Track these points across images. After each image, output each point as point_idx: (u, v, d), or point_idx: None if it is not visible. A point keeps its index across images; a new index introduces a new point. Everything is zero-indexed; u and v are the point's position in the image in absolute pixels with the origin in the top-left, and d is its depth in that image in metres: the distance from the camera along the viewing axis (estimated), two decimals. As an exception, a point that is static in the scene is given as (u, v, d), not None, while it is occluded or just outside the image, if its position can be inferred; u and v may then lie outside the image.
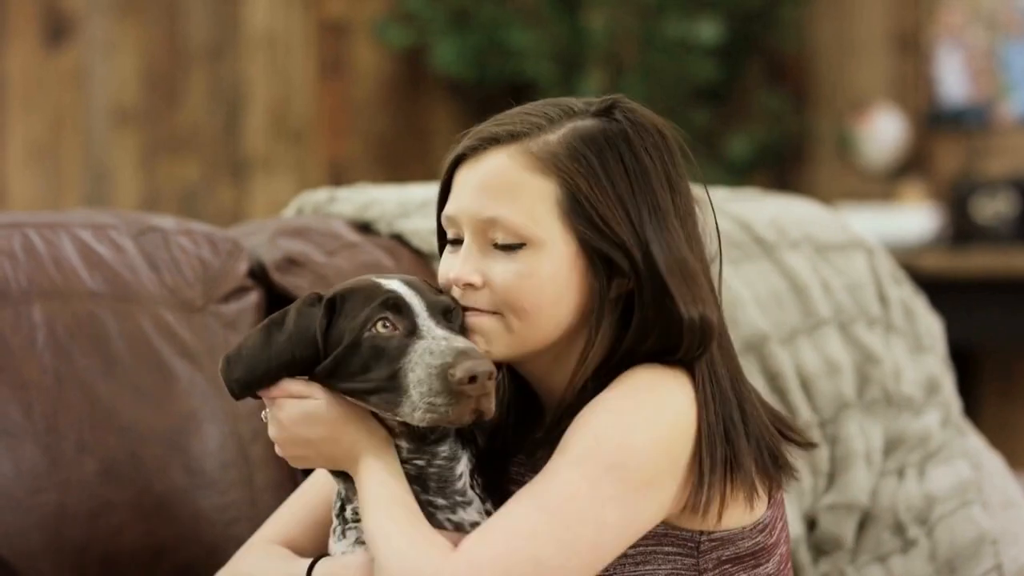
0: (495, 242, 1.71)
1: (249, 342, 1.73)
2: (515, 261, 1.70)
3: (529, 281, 1.69)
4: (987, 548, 2.26)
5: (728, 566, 1.72)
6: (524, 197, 1.69)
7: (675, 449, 1.67)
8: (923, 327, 2.57)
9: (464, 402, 1.62)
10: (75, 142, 4.45)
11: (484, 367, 1.61)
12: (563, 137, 1.71)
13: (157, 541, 2.04)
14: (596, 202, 1.69)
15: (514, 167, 1.70)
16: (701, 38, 4.76)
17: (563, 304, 1.71)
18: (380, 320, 1.67)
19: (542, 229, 1.69)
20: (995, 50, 4.89)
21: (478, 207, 1.71)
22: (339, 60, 4.84)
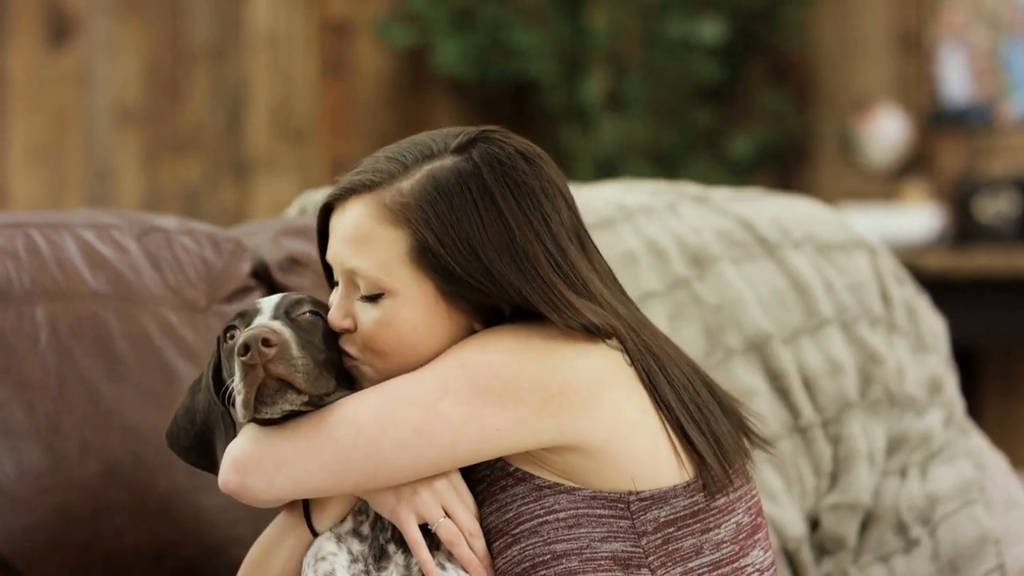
0: (360, 291, 1.76)
1: (178, 410, 1.82)
2: (376, 309, 1.75)
3: (389, 328, 1.74)
4: (990, 548, 2.26)
5: (670, 529, 1.72)
6: (377, 249, 1.74)
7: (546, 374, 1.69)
8: (926, 327, 2.56)
9: (252, 373, 1.66)
10: (77, 142, 4.45)
11: (250, 333, 1.66)
12: (415, 184, 1.74)
13: (159, 541, 2.04)
14: (443, 250, 1.72)
15: (369, 217, 1.75)
16: (703, 38, 4.76)
17: (429, 343, 1.75)
18: (229, 332, 1.75)
19: (395, 279, 1.74)
20: (997, 50, 4.88)
21: (343, 257, 1.77)
22: (341, 60, 4.84)
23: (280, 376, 1.67)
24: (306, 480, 1.72)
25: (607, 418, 1.71)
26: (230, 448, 1.74)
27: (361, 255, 1.74)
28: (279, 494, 1.73)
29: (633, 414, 1.72)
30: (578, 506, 1.71)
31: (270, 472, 1.72)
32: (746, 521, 1.77)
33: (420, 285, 1.74)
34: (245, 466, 1.73)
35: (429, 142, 1.78)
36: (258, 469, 1.72)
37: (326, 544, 1.74)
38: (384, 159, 1.79)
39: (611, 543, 1.71)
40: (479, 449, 1.71)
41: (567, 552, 1.71)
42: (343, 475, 1.71)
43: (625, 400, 1.72)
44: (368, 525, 1.75)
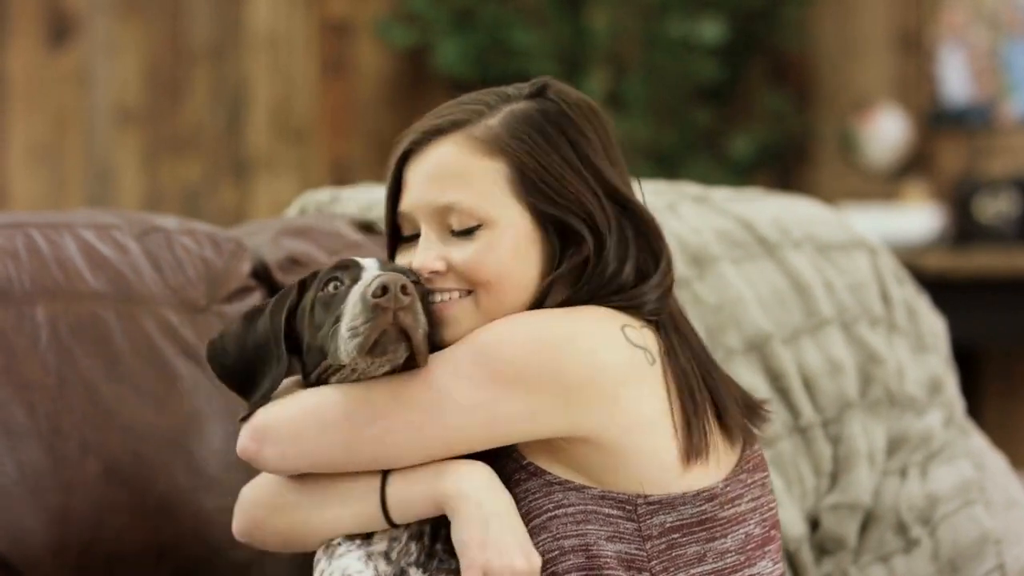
0: (451, 228, 1.77)
1: (231, 331, 1.82)
2: (475, 240, 1.76)
3: (490, 255, 1.76)
4: (990, 548, 2.26)
5: (675, 535, 1.72)
6: (475, 180, 1.76)
7: (564, 366, 1.70)
8: (926, 327, 2.57)
9: (380, 316, 1.66)
10: (77, 142, 4.45)
11: (395, 278, 1.67)
12: (503, 119, 1.78)
13: (160, 541, 2.04)
14: (544, 173, 1.76)
15: (462, 153, 1.78)
16: (704, 38, 4.76)
17: (525, 272, 1.76)
18: (331, 281, 1.74)
19: (496, 208, 1.76)
20: (997, 50, 4.88)
21: (433, 196, 1.77)
22: (341, 60, 4.84)
23: (406, 327, 1.67)
24: (319, 455, 1.73)
25: (622, 416, 1.71)
26: (254, 416, 1.76)
27: (458, 189, 1.76)
28: (293, 465, 1.75)
29: (650, 414, 1.72)
30: (587, 503, 1.72)
31: (285, 444, 1.73)
32: (757, 532, 1.77)
33: (519, 212, 1.76)
34: (264, 435, 1.74)
35: (500, 90, 1.83)
36: (275, 440, 1.74)
37: (354, 563, 1.73)
38: (463, 105, 1.82)
39: (616, 543, 1.72)
40: (489, 435, 1.71)
41: (574, 548, 1.72)
42: (356, 452, 1.73)
43: (643, 399, 1.73)
44: (398, 551, 1.74)
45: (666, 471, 1.72)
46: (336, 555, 1.75)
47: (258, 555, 2.10)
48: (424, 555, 1.75)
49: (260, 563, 2.10)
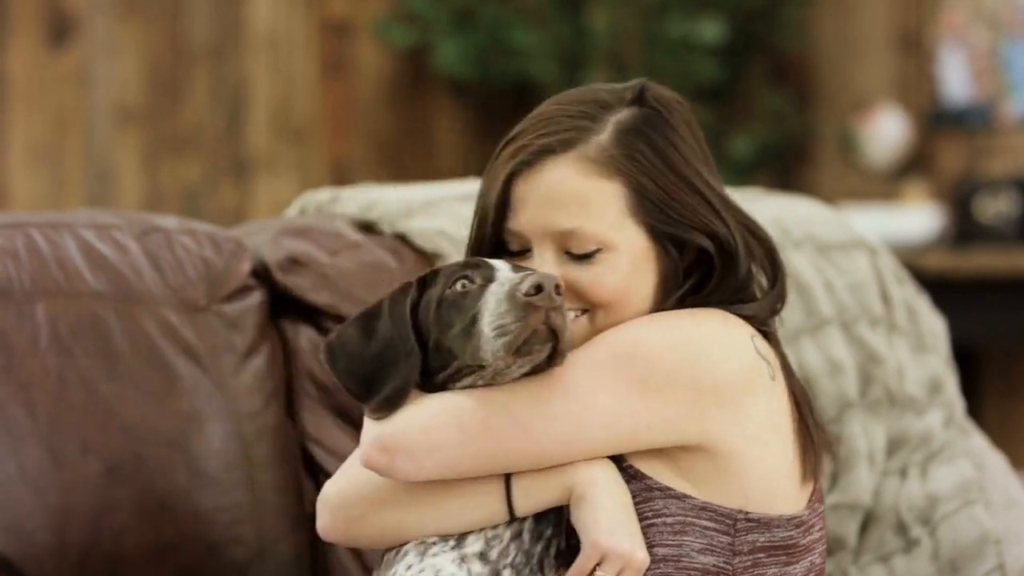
0: (570, 251, 1.75)
1: (348, 332, 1.76)
2: (594, 264, 1.75)
3: (611, 279, 1.74)
4: (990, 548, 2.26)
5: (761, 555, 1.73)
6: (595, 205, 1.74)
7: (698, 367, 1.70)
8: (926, 327, 2.56)
9: (533, 314, 1.63)
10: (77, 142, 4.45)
11: (551, 279, 1.64)
12: (613, 136, 1.76)
13: (160, 541, 2.04)
14: (661, 193, 1.75)
15: (578, 176, 1.75)
16: (704, 38, 4.76)
17: (642, 288, 1.76)
18: (460, 279, 1.71)
19: (616, 231, 1.74)
20: (997, 50, 4.88)
21: (551, 220, 1.75)
22: (342, 60, 4.84)
23: (556, 327, 1.65)
24: (456, 465, 1.70)
25: (746, 426, 1.71)
26: (379, 427, 1.70)
27: (579, 214, 1.74)
28: (427, 476, 1.71)
29: (769, 428, 1.73)
30: (687, 514, 1.71)
31: (421, 456, 1.69)
32: (818, 562, 1.79)
33: (636, 231, 1.75)
34: (395, 448, 1.69)
35: (599, 96, 1.80)
36: (409, 452, 1.69)
37: (448, 565, 1.71)
38: (567, 118, 1.78)
39: (707, 556, 1.71)
40: (628, 443, 1.71)
41: (666, 557, 1.71)
42: (495, 462, 1.70)
43: (765, 412, 1.73)
44: (497, 551, 1.73)
45: (771, 489, 1.73)
46: (429, 553, 1.72)
47: (258, 555, 2.10)
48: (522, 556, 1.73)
49: (260, 563, 2.10)
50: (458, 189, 2.48)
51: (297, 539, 2.14)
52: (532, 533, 1.73)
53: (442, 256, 2.29)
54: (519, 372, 1.69)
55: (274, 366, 2.20)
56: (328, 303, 2.23)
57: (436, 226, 2.33)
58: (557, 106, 1.80)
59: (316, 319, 2.24)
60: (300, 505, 2.17)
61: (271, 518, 2.13)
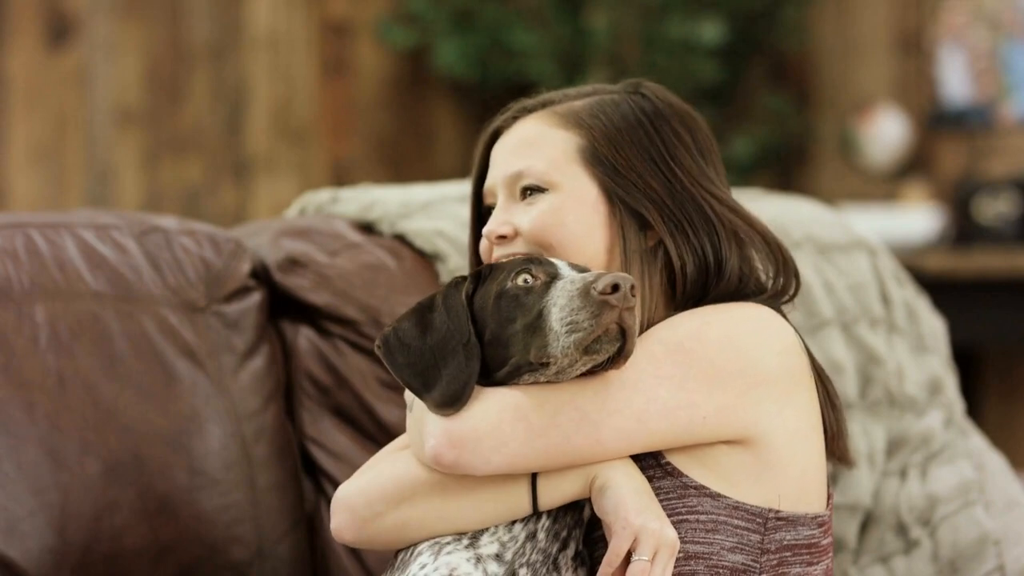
0: (522, 192, 1.82)
1: (402, 325, 1.76)
2: (537, 204, 1.81)
3: (552, 217, 1.80)
4: (990, 548, 2.26)
5: (787, 553, 1.75)
6: (546, 147, 1.83)
7: (752, 357, 1.72)
8: (926, 327, 2.57)
9: (607, 313, 1.64)
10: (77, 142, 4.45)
11: (626, 279, 1.66)
12: (588, 102, 1.85)
13: (160, 541, 2.04)
14: (614, 152, 1.81)
15: (538, 126, 1.85)
16: (703, 39, 4.76)
17: (590, 242, 1.80)
18: (523, 273, 1.72)
19: (561, 173, 1.81)
20: (997, 51, 4.88)
21: (507, 166, 1.84)
22: (341, 60, 4.84)
23: (627, 326, 1.66)
24: (522, 460, 1.71)
25: (789, 420, 1.74)
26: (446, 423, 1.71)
27: (528, 156, 1.83)
28: (493, 470, 1.72)
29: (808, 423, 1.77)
30: (720, 512, 1.73)
31: (488, 452, 1.70)
32: (831, 566, 1.81)
33: (586, 183, 1.81)
34: (463, 443, 1.70)
35: (594, 85, 1.90)
36: (476, 447, 1.70)
37: (463, 563, 1.71)
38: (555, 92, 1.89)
39: (736, 554, 1.73)
40: (685, 436, 1.72)
41: (697, 555, 1.73)
42: (560, 457, 1.71)
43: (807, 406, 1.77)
44: (512, 551, 1.73)
45: (804, 486, 1.75)
46: (444, 552, 1.73)
47: (257, 555, 2.10)
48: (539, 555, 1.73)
49: (260, 563, 2.10)
50: (458, 190, 2.48)
51: (297, 539, 2.14)
52: (548, 533, 1.74)
53: (441, 257, 2.29)
54: (580, 371, 1.70)
55: (273, 366, 2.20)
56: (327, 303, 2.23)
57: (435, 227, 2.33)
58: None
59: (315, 319, 2.24)
60: (300, 505, 2.17)
61: (271, 518, 2.13)
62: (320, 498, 2.20)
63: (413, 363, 1.74)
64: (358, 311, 2.22)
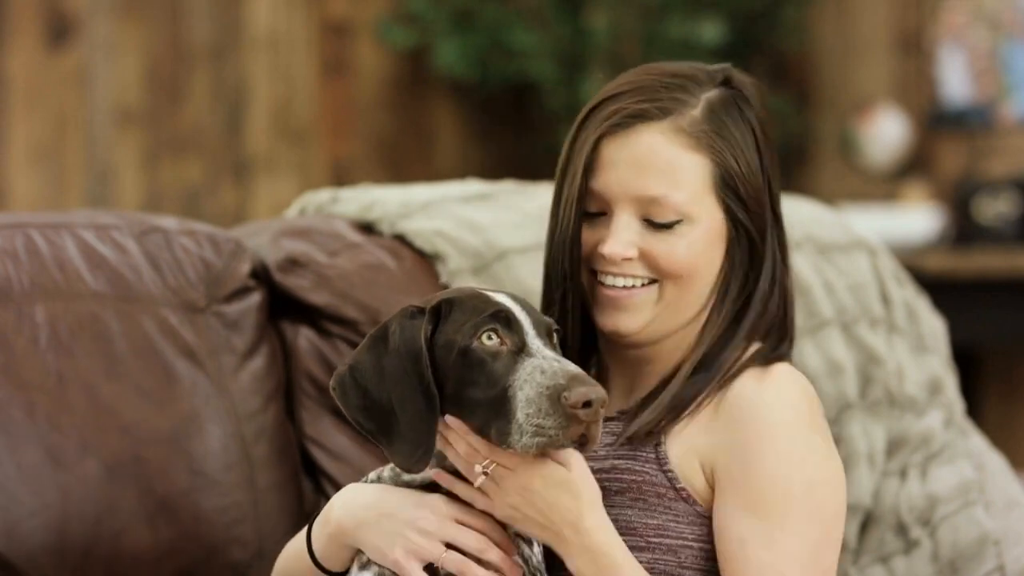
0: (651, 218, 1.76)
1: (359, 363, 1.69)
2: (672, 235, 1.76)
3: (687, 251, 1.76)
4: (990, 549, 2.25)
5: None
6: (683, 175, 1.76)
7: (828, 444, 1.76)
8: (926, 327, 2.56)
9: (575, 426, 1.59)
10: (77, 142, 4.45)
11: (599, 393, 1.60)
12: (705, 112, 1.78)
13: (159, 542, 2.04)
14: (743, 178, 1.77)
15: (671, 146, 1.77)
16: (703, 39, 4.76)
17: (711, 269, 1.79)
18: (488, 331, 1.65)
19: (698, 205, 1.76)
20: (997, 51, 4.88)
21: (639, 186, 1.76)
22: (341, 60, 4.84)
23: (592, 438, 1.62)
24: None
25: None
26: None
27: (666, 182, 1.76)
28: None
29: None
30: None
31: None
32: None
33: (713, 212, 1.78)
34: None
35: (691, 72, 1.82)
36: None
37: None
38: (661, 88, 1.79)
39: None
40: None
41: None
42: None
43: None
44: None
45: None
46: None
47: (257, 555, 2.10)
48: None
49: (259, 563, 2.10)
50: (458, 190, 2.48)
51: (297, 540, 2.14)
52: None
53: (441, 257, 2.29)
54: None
55: (273, 367, 2.20)
56: (327, 304, 2.23)
57: (435, 227, 2.33)
58: (649, 76, 1.81)
59: (315, 320, 2.24)
60: (299, 505, 2.17)
61: (271, 518, 2.13)
62: (320, 498, 2.20)
63: (369, 407, 1.67)
64: (358, 311, 2.22)
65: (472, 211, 2.40)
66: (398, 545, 1.68)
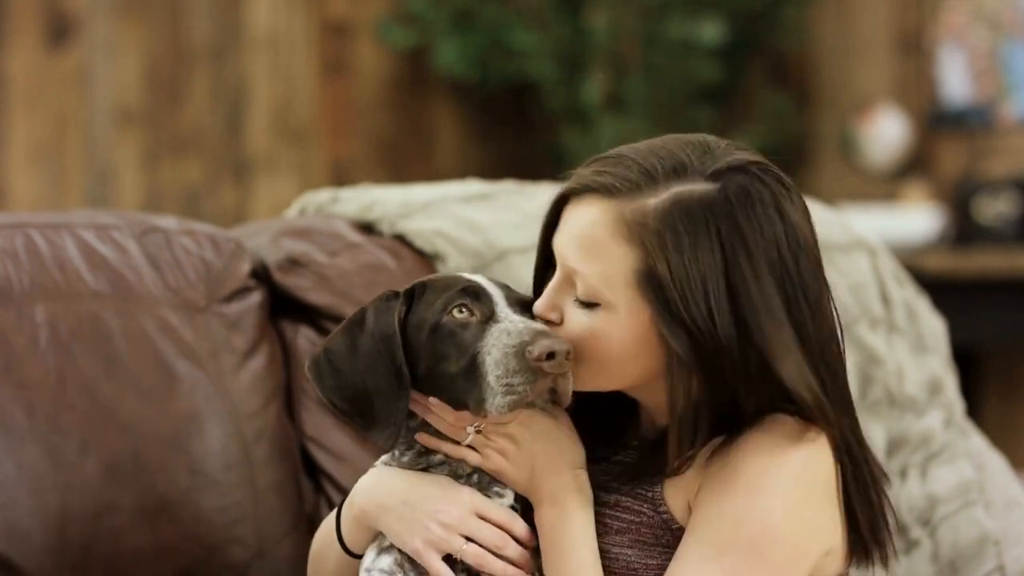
0: (575, 295, 1.70)
1: (334, 346, 1.71)
2: (588, 316, 1.69)
3: (597, 342, 1.69)
4: (990, 549, 2.26)
5: None
6: (605, 260, 1.68)
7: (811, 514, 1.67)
8: (926, 327, 2.56)
9: (542, 380, 1.62)
10: (77, 142, 4.45)
11: (562, 345, 1.62)
12: (660, 205, 1.66)
13: (159, 542, 2.04)
14: (671, 283, 1.64)
15: (601, 227, 1.68)
16: (703, 39, 4.76)
17: (631, 365, 1.70)
18: (458, 305, 1.67)
19: (615, 294, 1.67)
20: (997, 51, 4.88)
21: (566, 253, 1.71)
22: (341, 60, 4.84)
23: (561, 392, 1.64)
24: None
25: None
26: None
27: (587, 261, 1.69)
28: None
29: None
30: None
31: None
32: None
33: (638, 308, 1.67)
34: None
35: (683, 157, 1.68)
36: None
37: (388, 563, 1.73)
38: (634, 164, 1.69)
39: None
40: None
41: None
42: None
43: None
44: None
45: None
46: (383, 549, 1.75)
47: (257, 555, 2.10)
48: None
49: (260, 563, 2.10)
50: (457, 190, 2.48)
51: (297, 539, 2.14)
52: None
53: (441, 257, 2.29)
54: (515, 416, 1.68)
55: (273, 366, 2.20)
56: (328, 304, 2.23)
57: (435, 227, 2.33)
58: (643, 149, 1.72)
59: (316, 320, 2.24)
60: (300, 505, 2.17)
61: (271, 518, 2.13)
62: (320, 498, 2.20)
63: (343, 387, 1.69)
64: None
65: (472, 211, 2.40)
66: (418, 535, 1.70)
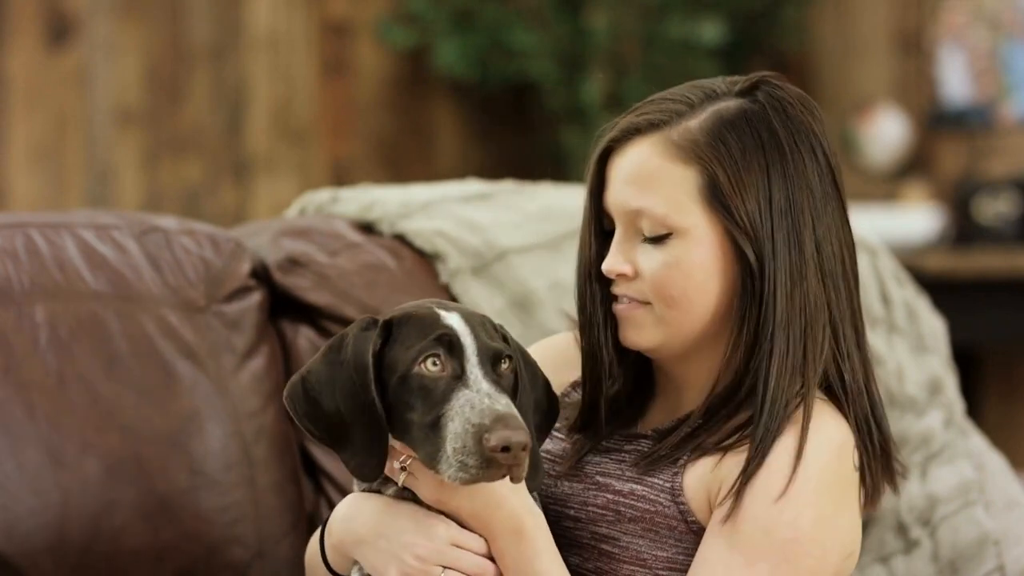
0: (643, 233, 1.71)
1: (311, 372, 1.70)
2: (662, 251, 1.70)
3: (677, 270, 1.69)
4: (990, 549, 2.26)
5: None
6: (666, 187, 1.70)
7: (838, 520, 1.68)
8: (926, 327, 2.56)
9: (495, 468, 1.60)
10: (77, 142, 4.45)
11: (519, 438, 1.59)
12: (704, 123, 1.71)
13: (159, 541, 2.04)
14: (732, 190, 1.68)
15: (655, 157, 1.70)
16: (703, 38, 4.76)
17: (711, 289, 1.70)
18: (431, 356, 1.65)
19: (685, 217, 1.69)
20: (997, 51, 4.88)
21: (624, 199, 1.72)
22: (341, 60, 4.84)
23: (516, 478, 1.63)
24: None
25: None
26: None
27: (648, 194, 1.70)
28: None
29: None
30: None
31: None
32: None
33: (710, 224, 1.69)
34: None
35: (710, 86, 1.76)
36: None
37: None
38: (668, 99, 1.74)
39: None
40: None
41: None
42: None
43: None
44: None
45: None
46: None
47: (257, 555, 2.10)
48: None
49: (260, 563, 2.10)
50: (457, 190, 2.48)
51: (297, 539, 2.14)
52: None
53: (441, 256, 2.29)
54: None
55: (273, 366, 2.20)
56: (328, 304, 2.23)
57: (435, 227, 2.33)
58: (670, 90, 1.77)
59: (315, 319, 2.24)
60: (300, 505, 2.17)
61: (271, 518, 2.13)
62: (320, 498, 2.20)
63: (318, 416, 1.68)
64: (358, 311, 2.22)
65: (472, 211, 2.40)
66: (394, 567, 1.68)
